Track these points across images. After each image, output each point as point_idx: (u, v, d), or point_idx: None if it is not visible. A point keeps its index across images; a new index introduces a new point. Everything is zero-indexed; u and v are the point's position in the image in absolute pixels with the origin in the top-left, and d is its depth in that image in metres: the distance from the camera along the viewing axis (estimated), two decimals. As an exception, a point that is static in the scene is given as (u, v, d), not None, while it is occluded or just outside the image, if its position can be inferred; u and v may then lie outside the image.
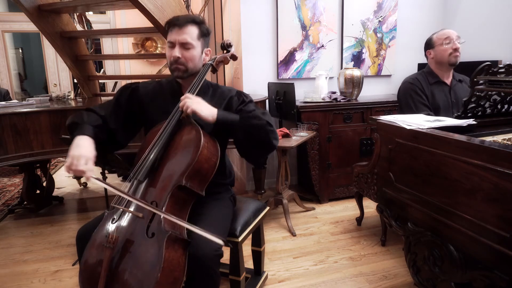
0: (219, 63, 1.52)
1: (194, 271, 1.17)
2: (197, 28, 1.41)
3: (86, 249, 1.19)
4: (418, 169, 1.43)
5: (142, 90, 1.53)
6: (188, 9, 3.27)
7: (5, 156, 2.31)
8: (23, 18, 4.36)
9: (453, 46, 2.10)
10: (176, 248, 1.13)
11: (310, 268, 2.03)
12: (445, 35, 2.13)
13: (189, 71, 1.42)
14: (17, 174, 4.10)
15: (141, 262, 1.09)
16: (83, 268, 1.16)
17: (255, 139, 1.33)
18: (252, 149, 1.38)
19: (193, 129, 1.31)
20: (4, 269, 2.10)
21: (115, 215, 1.21)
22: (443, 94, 2.15)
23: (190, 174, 1.23)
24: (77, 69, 3.33)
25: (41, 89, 6.56)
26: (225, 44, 1.57)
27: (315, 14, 3.21)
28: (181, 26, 1.38)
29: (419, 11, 3.53)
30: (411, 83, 2.19)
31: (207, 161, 1.28)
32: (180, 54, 1.38)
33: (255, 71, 3.18)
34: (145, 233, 1.14)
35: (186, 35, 1.38)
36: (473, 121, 1.47)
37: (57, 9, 2.98)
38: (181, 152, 1.29)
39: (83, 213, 2.98)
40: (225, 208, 1.49)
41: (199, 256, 1.16)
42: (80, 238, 1.29)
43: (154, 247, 1.10)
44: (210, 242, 1.15)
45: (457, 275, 1.27)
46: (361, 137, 2.97)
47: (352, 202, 2.84)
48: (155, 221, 1.15)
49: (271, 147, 1.36)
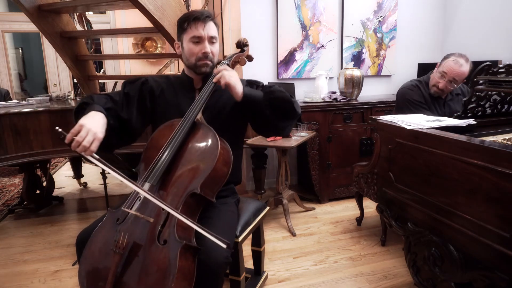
0: (235, 63, 1.46)
1: (202, 277, 1.14)
2: (214, 23, 1.40)
3: (86, 248, 1.15)
4: (418, 169, 1.43)
5: (152, 83, 1.48)
6: (188, 9, 3.27)
7: (5, 156, 2.31)
8: (23, 18, 4.36)
9: (439, 84, 2.09)
10: (188, 256, 1.10)
11: (310, 268, 2.03)
12: (446, 68, 2.06)
13: (214, 65, 1.41)
14: (17, 174, 4.10)
15: (153, 270, 1.06)
16: (86, 270, 1.12)
17: (282, 110, 1.32)
18: (278, 121, 1.35)
19: (209, 133, 1.27)
20: (4, 269, 2.10)
21: (120, 217, 1.17)
22: (438, 106, 2.19)
23: (206, 182, 1.19)
24: (77, 69, 3.34)
25: (41, 89, 6.56)
26: (242, 42, 1.49)
27: (315, 14, 3.21)
28: (205, 21, 1.35)
29: (419, 11, 3.53)
30: (410, 89, 2.21)
31: (222, 169, 1.25)
32: (210, 49, 1.37)
33: (255, 71, 3.18)
34: (156, 239, 1.09)
35: (212, 30, 1.36)
36: (473, 121, 1.47)
37: (57, 9, 2.98)
38: (196, 158, 1.23)
39: (83, 213, 2.98)
40: (232, 212, 1.47)
41: (210, 263, 1.14)
42: (81, 242, 1.24)
43: (167, 255, 1.06)
44: (221, 249, 1.10)
45: (457, 275, 1.27)
46: (361, 137, 2.97)
47: (352, 202, 2.84)
48: (167, 228, 1.11)
49: (296, 115, 1.37)
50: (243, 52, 1.51)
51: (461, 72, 2.02)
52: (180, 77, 1.50)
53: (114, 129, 1.31)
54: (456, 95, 2.23)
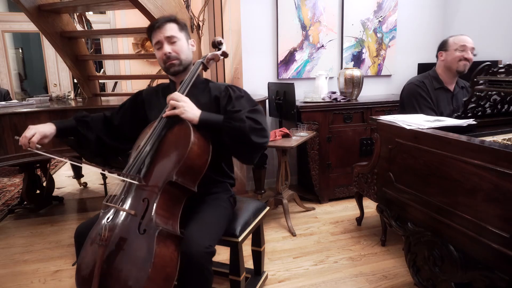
0: (210, 60, 1.52)
1: (185, 268, 1.18)
2: (175, 23, 1.46)
3: (82, 249, 1.21)
4: (418, 169, 1.43)
5: (144, 93, 1.61)
6: (188, 9, 3.27)
7: (5, 156, 2.31)
8: (23, 18, 4.36)
9: (465, 55, 2.06)
10: (168, 244, 1.16)
11: (310, 268, 2.03)
12: (462, 42, 2.08)
13: (183, 63, 1.46)
14: (17, 174, 4.10)
15: (134, 259, 1.11)
16: (79, 267, 1.18)
17: (238, 141, 1.32)
18: (239, 149, 1.37)
19: (184, 126, 1.33)
20: (4, 269, 2.10)
21: (109, 214, 1.24)
22: (446, 102, 2.13)
23: (181, 170, 1.25)
24: (77, 69, 3.34)
25: (41, 89, 6.57)
26: (216, 42, 1.58)
27: (315, 14, 3.21)
28: (161, 25, 1.43)
29: (419, 11, 3.53)
30: (417, 85, 2.15)
31: (198, 158, 1.30)
32: (170, 49, 1.43)
33: (255, 71, 3.18)
34: (137, 230, 1.15)
35: (169, 31, 1.43)
36: (473, 121, 1.47)
37: (57, 9, 2.98)
38: (172, 149, 1.30)
39: (83, 213, 2.97)
40: (222, 207, 1.48)
41: (190, 254, 1.17)
42: (78, 235, 1.32)
43: (146, 243, 1.12)
44: (202, 239, 1.19)
45: (457, 275, 1.27)
46: (361, 137, 2.97)
47: (352, 202, 2.84)
48: (146, 218, 1.17)
49: (255, 146, 1.34)
50: (219, 50, 1.57)
51: (469, 38, 2.11)
52: (168, 83, 1.60)
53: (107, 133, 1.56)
54: (461, 88, 2.19)
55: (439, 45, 2.19)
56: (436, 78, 2.17)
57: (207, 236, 1.25)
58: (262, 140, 1.34)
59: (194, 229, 1.27)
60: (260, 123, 1.34)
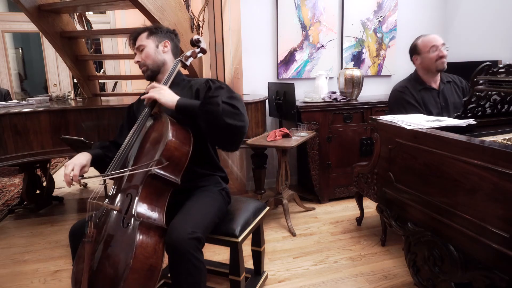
0: (188, 58, 1.58)
1: (172, 259, 1.19)
2: (145, 32, 1.55)
3: (78, 249, 1.25)
4: (418, 169, 1.43)
5: (134, 104, 1.68)
6: (188, 9, 3.26)
7: (5, 156, 2.31)
8: (23, 18, 4.36)
9: (439, 54, 2.07)
10: (151, 235, 1.19)
11: (310, 268, 2.03)
12: (431, 42, 2.08)
13: (150, 67, 1.53)
14: (17, 174, 4.11)
15: (118, 252, 1.15)
16: (74, 267, 1.23)
17: (213, 124, 1.30)
18: (216, 134, 1.34)
19: (162, 119, 1.37)
20: (4, 269, 2.10)
21: (98, 212, 1.29)
22: (433, 100, 2.15)
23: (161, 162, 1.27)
24: (77, 69, 3.34)
25: (41, 89, 6.57)
26: (194, 40, 1.63)
27: (315, 14, 3.21)
28: (135, 39, 1.55)
29: (419, 11, 3.53)
30: (401, 91, 2.17)
31: (177, 149, 1.31)
32: (139, 58, 1.53)
33: (255, 71, 3.18)
34: (121, 224, 1.19)
35: (138, 41, 1.54)
36: (473, 121, 1.47)
37: (57, 9, 2.98)
38: (152, 143, 1.34)
39: (83, 213, 2.98)
40: (211, 198, 1.46)
41: (173, 241, 1.18)
42: (72, 235, 1.35)
43: (128, 236, 1.16)
44: (183, 226, 1.21)
45: (457, 275, 1.27)
46: (361, 137, 2.97)
47: (352, 202, 2.84)
48: (129, 212, 1.21)
49: (231, 129, 1.30)
50: (198, 48, 1.63)
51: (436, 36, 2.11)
52: None
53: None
54: (447, 83, 2.20)
55: (409, 50, 2.20)
56: (418, 79, 2.18)
57: (189, 223, 1.24)
58: (238, 123, 1.30)
59: (177, 219, 1.28)
60: (237, 107, 1.31)
